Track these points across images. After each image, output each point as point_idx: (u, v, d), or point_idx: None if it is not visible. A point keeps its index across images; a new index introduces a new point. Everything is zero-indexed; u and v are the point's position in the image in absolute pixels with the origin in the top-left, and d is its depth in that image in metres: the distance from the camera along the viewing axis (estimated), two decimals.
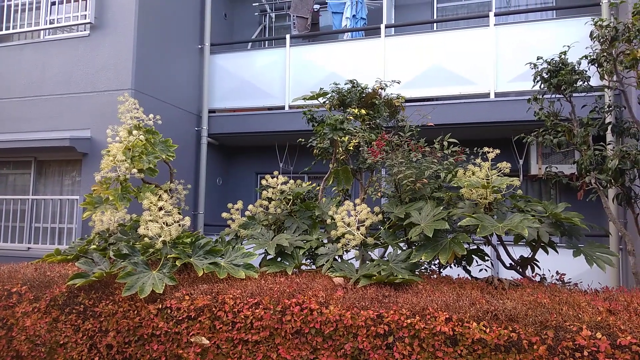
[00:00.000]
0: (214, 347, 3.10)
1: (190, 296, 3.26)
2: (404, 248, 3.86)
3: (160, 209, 3.77)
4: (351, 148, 4.49)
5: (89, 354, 3.40)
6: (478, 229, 3.22)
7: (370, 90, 4.93)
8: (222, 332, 3.09)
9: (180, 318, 3.20)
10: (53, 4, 7.70)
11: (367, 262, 3.64)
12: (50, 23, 7.63)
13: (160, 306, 3.27)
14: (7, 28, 7.94)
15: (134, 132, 4.33)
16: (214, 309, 3.15)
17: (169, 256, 3.53)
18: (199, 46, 8.47)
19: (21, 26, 7.87)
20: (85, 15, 7.28)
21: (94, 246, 4.26)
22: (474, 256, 3.89)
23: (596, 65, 4.47)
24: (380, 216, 3.77)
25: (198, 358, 3.12)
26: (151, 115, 4.55)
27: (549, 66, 4.55)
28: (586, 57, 4.52)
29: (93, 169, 6.12)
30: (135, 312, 3.32)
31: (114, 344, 3.33)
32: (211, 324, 3.13)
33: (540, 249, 3.68)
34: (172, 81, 7.74)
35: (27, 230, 7.47)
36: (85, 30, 7.29)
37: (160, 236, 3.61)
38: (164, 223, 3.67)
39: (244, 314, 3.06)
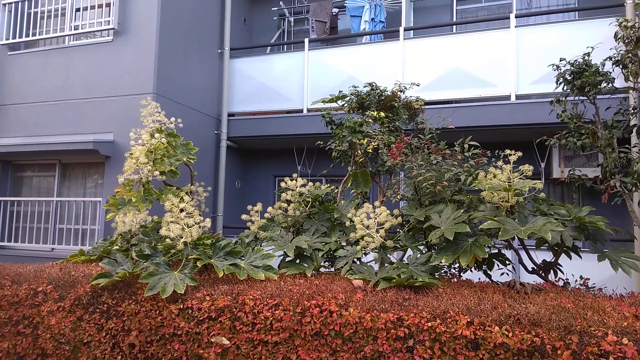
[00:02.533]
0: (234, 347, 3.13)
1: (211, 297, 3.29)
2: (424, 251, 3.83)
3: (182, 210, 3.83)
4: (370, 151, 4.48)
5: (112, 353, 3.46)
6: (500, 232, 3.18)
7: (389, 93, 4.92)
8: (242, 332, 3.12)
9: (201, 318, 3.24)
10: (77, 10, 7.89)
11: (387, 264, 3.63)
12: (75, 29, 7.82)
13: (181, 306, 3.31)
14: (34, 34, 8.16)
15: (156, 135, 4.41)
16: (234, 309, 3.17)
17: (190, 257, 3.58)
18: (219, 50, 8.57)
19: (47, 32, 8.08)
20: (109, 21, 7.44)
21: (117, 247, 4.33)
22: (495, 260, 3.85)
23: (621, 66, 4.39)
24: (399, 219, 3.76)
25: (218, 358, 3.15)
26: (172, 119, 4.62)
27: (572, 68, 4.48)
28: (610, 58, 4.44)
29: (116, 172, 6.24)
30: (157, 311, 3.37)
31: (136, 343, 3.39)
32: (231, 324, 3.16)
33: (562, 254, 3.62)
34: (192, 85, 7.85)
35: (51, 231, 7.64)
36: (108, 36, 7.45)
37: (181, 237, 3.66)
38: (185, 224, 3.72)
39: (264, 315, 3.08)
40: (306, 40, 8.20)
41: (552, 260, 3.70)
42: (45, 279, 3.84)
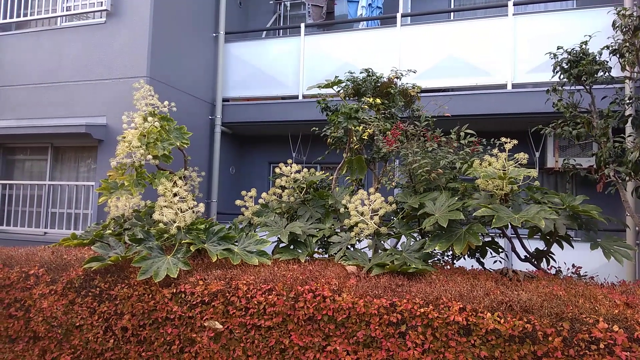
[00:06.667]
0: (227, 331, 3.13)
1: (204, 281, 3.28)
2: (418, 238, 3.84)
3: (175, 195, 3.80)
4: (365, 137, 4.46)
5: (104, 336, 3.45)
6: (494, 220, 3.18)
7: (385, 80, 4.89)
8: (235, 317, 3.12)
9: (194, 302, 3.23)
10: None
11: (380, 251, 3.63)
12: (67, 10, 7.68)
13: (174, 290, 3.30)
14: (25, 15, 8.01)
15: (149, 118, 4.36)
16: (227, 294, 3.17)
17: (183, 241, 3.56)
18: (214, 34, 8.46)
19: (38, 13, 7.93)
20: (102, 2, 7.31)
21: (110, 231, 4.30)
22: (488, 248, 3.87)
23: (618, 55, 4.37)
24: (394, 206, 3.75)
25: (211, 342, 3.15)
26: (166, 103, 4.56)
27: (569, 56, 4.46)
28: (608, 47, 4.43)
29: (108, 156, 6.18)
30: (150, 295, 3.36)
31: (128, 326, 3.38)
32: (224, 309, 3.15)
33: (555, 243, 3.63)
34: (186, 69, 7.76)
35: (43, 215, 7.59)
36: (101, 17, 7.33)
37: (174, 222, 3.64)
38: (178, 209, 3.69)
39: (257, 300, 3.08)
40: (302, 25, 8.11)
41: (545, 249, 3.72)
42: (37, 262, 3.81)
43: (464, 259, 3.96)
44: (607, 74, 4.41)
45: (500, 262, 3.96)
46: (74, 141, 7.44)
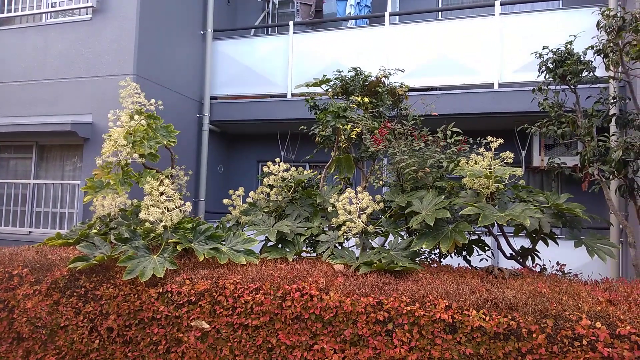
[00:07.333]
0: (214, 331, 3.12)
1: (190, 281, 3.26)
2: (405, 237, 3.86)
3: (162, 194, 3.77)
4: (353, 136, 4.47)
5: (89, 337, 3.42)
6: (480, 218, 3.21)
7: (373, 78, 4.90)
8: (223, 316, 3.11)
9: (180, 302, 3.21)
10: None
11: (368, 250, 3.64)
12: (52, 6, 7.57)
13: (160, 290, 3.28)
14: (9, 11, 7.88)
15: (136, 116, 4.31)
16: (214, 293, 3.15)
17: (170, 241, 3.53)
18: (202, 32, 8.41)
19: (23, 9, 7.81)
20: None
21: (95, 230, 4.26)
22: (474, 246, 3.90)
23: (602, 55, 4.43)
24: (381, 205, 3.77)
25: (198, 342, 3.14)
26: (152, 100, 4.52)
27: (554, 56, 4.51)
28: (592, 47, 4.48)
29: (94, 154, 6.10)
30: (136, 295, 3.33)
31: (114, 327, 3.35)
32: (211, 308, 3.14)
33: (540, 241, 3.68)
34: (174, 67, 7.69)
35: (28, 214, 7.48)
36: (87, 14, 7.24)
37: (161, 221, 3.61)
38: (165, 208, 3.67)
39: (245, 299, 3.07)
40: (291, 23, 8.09)
41: (530, 247, 3.76)
42: (21, 262, 3.76)
43: (451, 257, 3.98)
44: (591, 73, 4.46)
45: (486, 260, 3.99)
46: (60, 139, 7.35)
